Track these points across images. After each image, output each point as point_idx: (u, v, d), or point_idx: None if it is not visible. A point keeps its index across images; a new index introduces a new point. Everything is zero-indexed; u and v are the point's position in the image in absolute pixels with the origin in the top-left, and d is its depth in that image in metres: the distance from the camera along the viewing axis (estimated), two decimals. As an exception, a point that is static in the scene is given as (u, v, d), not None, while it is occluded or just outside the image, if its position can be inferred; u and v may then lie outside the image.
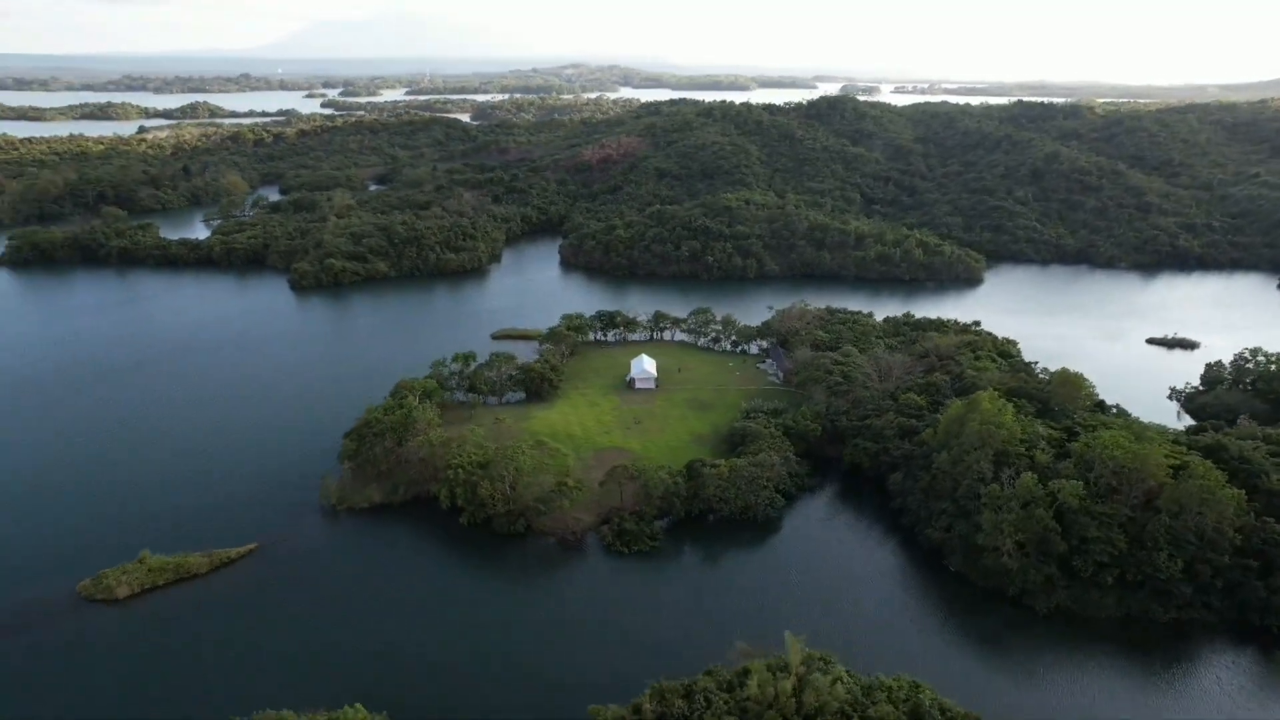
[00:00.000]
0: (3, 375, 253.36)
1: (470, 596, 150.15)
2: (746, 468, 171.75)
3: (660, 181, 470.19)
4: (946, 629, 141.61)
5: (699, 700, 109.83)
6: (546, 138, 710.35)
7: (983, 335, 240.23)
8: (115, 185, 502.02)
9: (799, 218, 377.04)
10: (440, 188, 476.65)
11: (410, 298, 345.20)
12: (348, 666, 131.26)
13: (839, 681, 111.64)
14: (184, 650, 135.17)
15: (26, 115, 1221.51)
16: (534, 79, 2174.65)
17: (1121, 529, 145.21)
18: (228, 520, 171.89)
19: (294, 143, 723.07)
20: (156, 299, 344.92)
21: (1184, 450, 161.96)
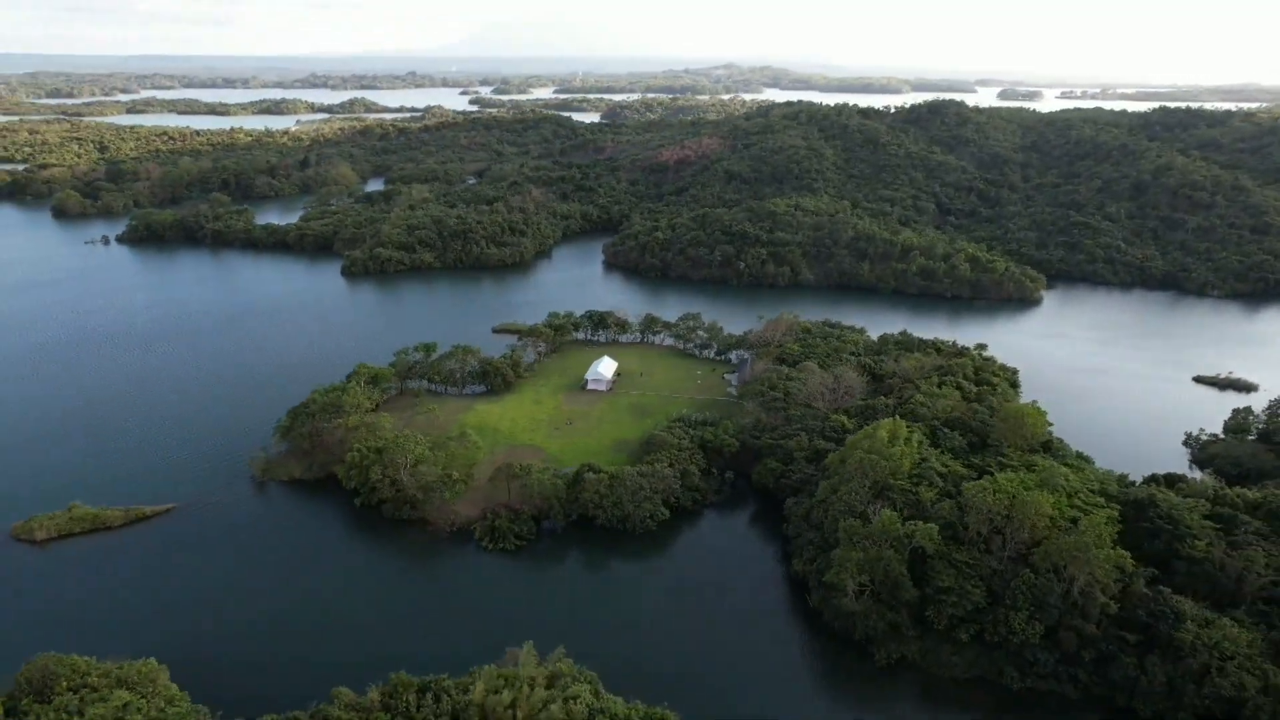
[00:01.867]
0: (78, 334, 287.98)
1: (334, 570, 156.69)
2: (631, 477, 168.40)
3: (728, 185, 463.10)
4: (774, 668, 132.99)
5: (429, 697, 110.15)
6: (648, 138, 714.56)
7: (968, 361, 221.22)
8: (237, 174, 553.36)
9: (844, 226, 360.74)
10: (514, 184, 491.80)
11: (446, 288, 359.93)
12: (182, 619, 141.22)
13: (573, 701, 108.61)
14: (60, 590, 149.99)
15: (215, 110, 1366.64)
16: (682, 79, 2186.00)
17: (984, 582, 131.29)
18: (164, 480, 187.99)
19: (415, 137, 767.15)
20: (229, 277, 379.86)
21: (1102, 503, 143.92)
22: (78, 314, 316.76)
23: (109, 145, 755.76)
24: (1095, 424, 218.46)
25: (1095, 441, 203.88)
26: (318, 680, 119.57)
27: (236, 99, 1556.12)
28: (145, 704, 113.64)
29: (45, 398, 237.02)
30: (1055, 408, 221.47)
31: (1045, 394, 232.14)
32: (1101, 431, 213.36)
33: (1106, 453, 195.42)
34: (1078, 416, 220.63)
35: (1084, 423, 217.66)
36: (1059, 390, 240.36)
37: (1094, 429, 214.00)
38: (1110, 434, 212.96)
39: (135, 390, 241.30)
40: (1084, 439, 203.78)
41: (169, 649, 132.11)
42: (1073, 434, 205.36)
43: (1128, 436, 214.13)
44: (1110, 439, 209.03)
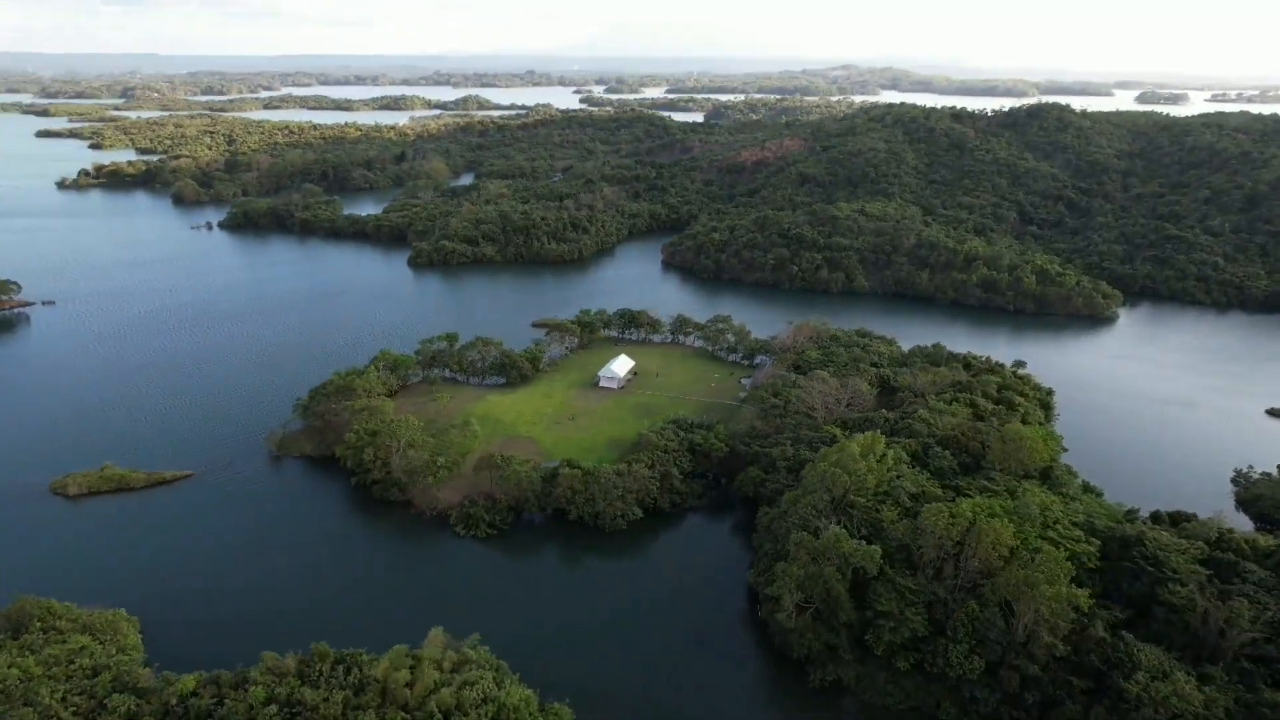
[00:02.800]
0: (161, 310, 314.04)
1: (316, 543, 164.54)
2: (607, 475, 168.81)
3: (800, 187, 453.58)
4: (706, 680, 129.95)
5: (340, 669, 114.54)
6: (738, 138, 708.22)
7: (992, 379, 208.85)
8: (336, 167, 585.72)
9: (907, 232, 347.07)
10: (588, 182, 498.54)
11: (502, 281, 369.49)
12: (170, 576, 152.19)
13: (469, 686, 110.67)
14: (76, 541, 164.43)
15: (340, 106, 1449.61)
16: (797, 80, 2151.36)
17: (927, 610, 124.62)
18: (192, 449, 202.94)
19: (512, 134, 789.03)
20: (306, 262, 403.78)
21: (1080, 537, 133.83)
22: (168, 291, 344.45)
23: (236, 138, 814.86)
24: (1141, 453, 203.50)
25: (1134, 471, 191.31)
26: (272, 643, 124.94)
27: (361, 95, 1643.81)
28: (99, 650, 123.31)
29: (113, 365, 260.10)
30: (1099, 434, 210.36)
31: (1091, 418, 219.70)
32: (1145, 461, 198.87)
33: (1144, 484, 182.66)
34: (1123, 444, 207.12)
35: (1128, 451, 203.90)
36: (1109, 415, 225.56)
37: (1137, 458, 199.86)
38: (1155, 465, 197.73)
39: (191, 364, 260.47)
40: (1123, 468, 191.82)
41: (150, 603, 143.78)
42: (1112, 462, 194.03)
43: (1175, 469, 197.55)
44: (1153, 470, 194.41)
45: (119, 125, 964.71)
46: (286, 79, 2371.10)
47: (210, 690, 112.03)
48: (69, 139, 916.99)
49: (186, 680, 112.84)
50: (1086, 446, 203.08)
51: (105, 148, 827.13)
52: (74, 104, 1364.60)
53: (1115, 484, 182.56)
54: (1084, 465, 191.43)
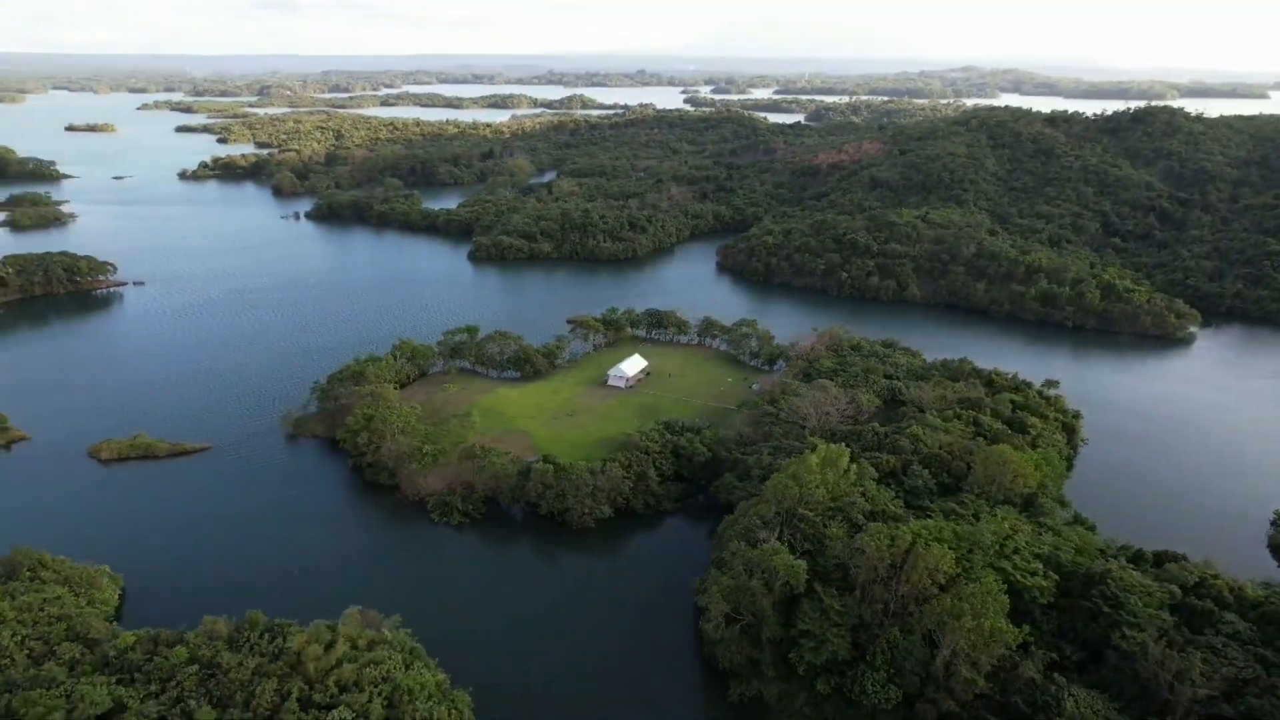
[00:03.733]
0: (235, 293, 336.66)
1: (304, 519, 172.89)
2: (578, 473, 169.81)
3: (871, 191, 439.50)
4: (630, 684, 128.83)
5: (266, 636, 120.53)
6: (827, 140, 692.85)
7: (1006, 398, 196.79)
8: (424, 162, 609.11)
9: (967, 241, 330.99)
10: (659, 181, 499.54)
11: (554, 277, 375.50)
12: (165, 537, 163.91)
13: (373, 665, 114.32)
14: (98, 501, 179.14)
15: (451, 104, 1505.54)
16: (912, 82, 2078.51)
17: (852, 633, 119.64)
18: (217, 423, 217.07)
19: (602, 133, 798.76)
20: (376, 253, 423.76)
21: (1038, 570, 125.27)
22: (245, 276, 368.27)
23: (344, 133, 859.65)
24: (1179, 486, 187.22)
25: (1165, 506, 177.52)
26: (237, 607, 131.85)
27: (474, 93, 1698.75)
28: (71, 601, 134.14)
29: (177, 342, 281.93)
30: (1137, 462, 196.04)
31: (1131, 446, 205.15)
32: (1182, 495, 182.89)
33: (1172, 520, 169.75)
34: (1161, 475, 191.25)
35: (1164, 483, 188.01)
36: (1153, 443, 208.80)
37: (1173, 491, 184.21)
38: (1192, 500, 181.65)
39: (242, 344, 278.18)
40: (1153, 501, 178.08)
41: (141, 562, 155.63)
42: (1141, 495, 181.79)
43: (1214, 505, 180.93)
44: (1188, 505, 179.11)
45: (246, 121, 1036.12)
46: (408, 78, 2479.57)
47: (146, 646, 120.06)
48: (202, 134, 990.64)
49: (125, 636, 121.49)
50: (1116, 476, 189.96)
51: (230, 142, 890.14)
52: (214, 102, 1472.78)
53: (1140, 517, 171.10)
54: (1107, 496, 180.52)
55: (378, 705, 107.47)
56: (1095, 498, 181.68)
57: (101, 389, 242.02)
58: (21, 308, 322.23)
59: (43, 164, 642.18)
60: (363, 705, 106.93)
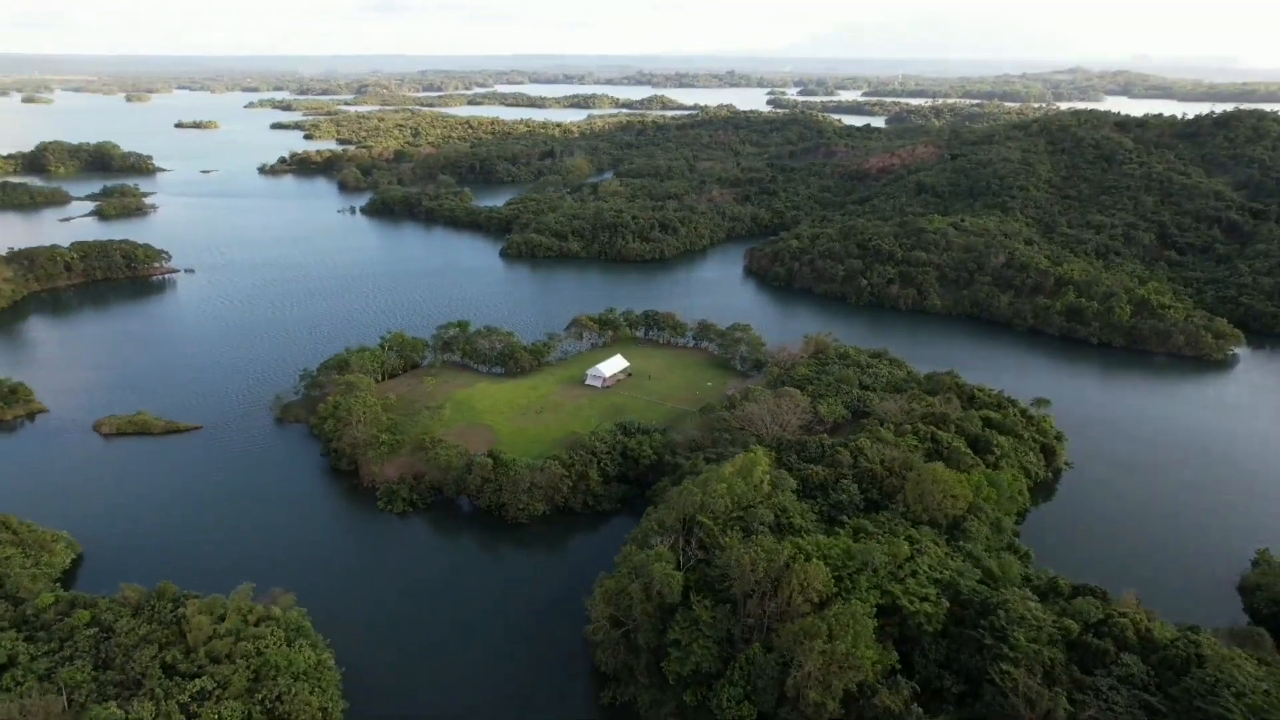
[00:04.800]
0: (277, 281, 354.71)
1: (267, 499, 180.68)
2: (517, 470, 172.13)
3: (916, 196, 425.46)
4: (518, 678, 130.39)
5: (169, 605, 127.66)
6: (893, 144, 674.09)
7: (974, 415, 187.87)
8: (482, 160, 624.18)
9: (996, 250, 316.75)
10: (703, 183, 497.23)
11: (579, 275, 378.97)
12: (133, 507, 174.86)
13: (252, 640, 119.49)
14: (93, 471, 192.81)
15: (534, 103, 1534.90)
16: (1011, 85, 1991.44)
17: (722, 645, 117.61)
18: (213, 405, 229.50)
19: (666, 133, 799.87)
20: (417, 246, 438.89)
21: (932, 595, 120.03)
22: (289, 266, 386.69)
23: (421, 131, 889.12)
24: (1165, 518, 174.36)
25: (1142, 538, 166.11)
26: (178, 576, 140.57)
27: (558, 93, 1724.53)
28: (18, 561, 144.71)
29: (212, 326, 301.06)
30: (1127, 492, 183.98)
31: (1128, 474, 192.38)
32: (1166, 529, 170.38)
33: (1147, 554, 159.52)
34: (1149, 505, 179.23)
35: (1149, 514, 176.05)
36: (1152, 471, 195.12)
37: (1158, 523, 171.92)
38: (1176, 535, 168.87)
39: (264, 331, 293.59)
40: (1129, 533, 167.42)
41: (105, 529, 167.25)
42: (1120, 525, 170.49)
43: (1200, 542, 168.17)
44: (1168, 540, 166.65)
45: (335, 118, 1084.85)
46: (501, 77, 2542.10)
47: (61, 608, 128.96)
48: (293, 130, 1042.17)
49: (45, 597, 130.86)
50: (1098, 505, 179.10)
51: (315, 138, 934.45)
52: (312, 100, 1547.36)
53: (1110, 549, 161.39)
54: (1080, 524, 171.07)
55: (241, 678, 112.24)
56: (1065, 525, 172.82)
57: (126, 367, 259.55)
58: (85, 290, 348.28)
59: (141, 158, 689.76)
60: (225, 676, 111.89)
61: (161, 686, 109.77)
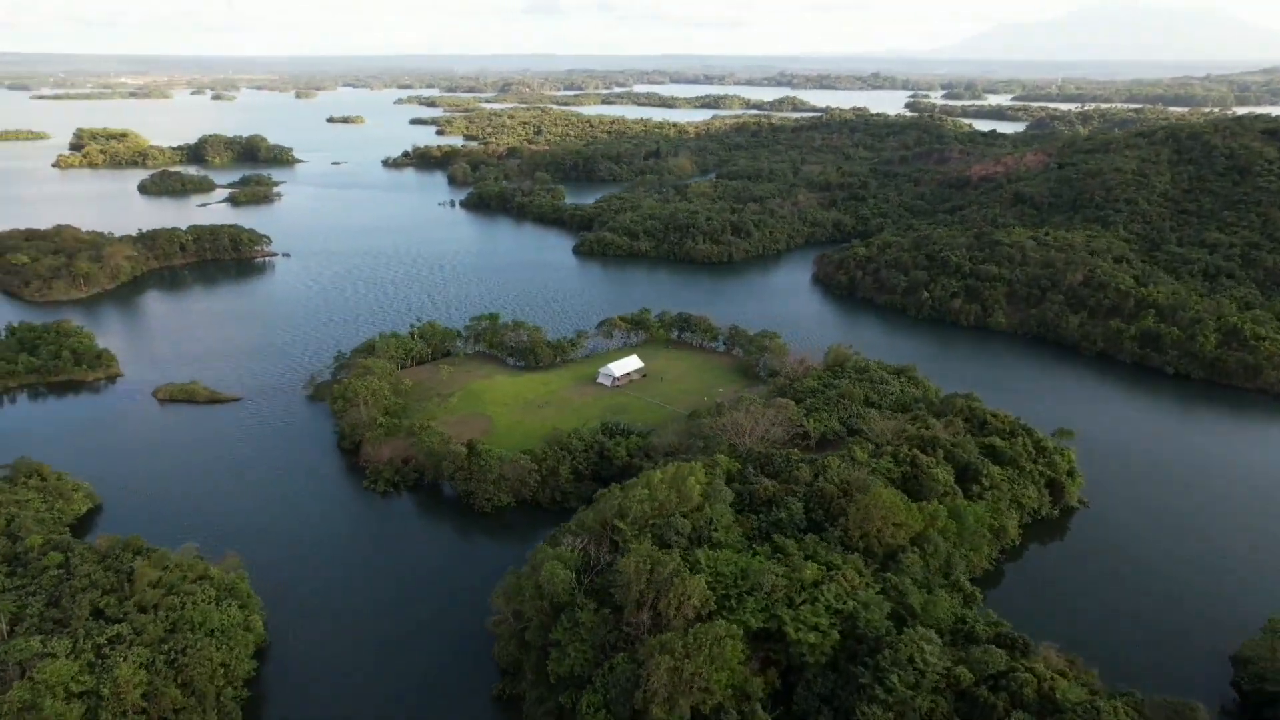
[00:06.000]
0: (362, 267, 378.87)
1: (274, 470, 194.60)
2: (488, 461, 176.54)
3: (1012, 207, 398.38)
4: (428, 663, 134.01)
5: (130, 554, 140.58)
6: (1006, 151, 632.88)
7: (969, 442, 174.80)
8: (586, 159, 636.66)
9: (1075, 267, 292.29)
10: (794, 186, 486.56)
11: (644, 275, 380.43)
12: (158, 465, 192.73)
13: (183, 595, 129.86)
14: (140, 429, 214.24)
15: (665, 103, 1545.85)
16: (1191, 88, 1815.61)
17: (600, 650, 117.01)
18: (259, 379, 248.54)
19: (778, 135, 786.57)
20: (501, 240, 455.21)
21: (822, 625, 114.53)
22: (378, 254, 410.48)
23: (544, 129, 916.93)
24: (1183, 574, 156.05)
25: (1144, 593, 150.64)
26: (170, 533, 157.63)
27: (691, 93, 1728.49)
28: (33, 506, 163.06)
29: (292, 306, 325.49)
30: (1142, 540, 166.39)
31: (1152, 521, 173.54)
32: (1177, 585, 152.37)
33: (1142, 612, 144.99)
34: (1173, 558, 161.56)
35: (1166, 566, 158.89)
36: (1186, 521, 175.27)
37: (1171, 578, 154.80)
38: (1187, 593, 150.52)
39: (333, 312, 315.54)
40: (1134, 586, 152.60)
41: (127, 483, 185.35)
42: (1123, 577, 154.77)
43: (1212, 604, 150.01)
44: (1177, 598, 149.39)
45: (469, 115, 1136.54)
46: (642, 77, 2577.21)
47: (44, 549, 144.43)
48: (429, 125, 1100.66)
49: (34, 538, 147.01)
50: (1102, 550, 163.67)
51: (446, 133, 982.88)
52: (453, 97, 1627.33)
53: (1097, 600, 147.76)
54: (1072, 570, 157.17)
55: (158, 628, 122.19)
56: (1058, 569, 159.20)
57: (204, 339, 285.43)
58: (196, 269, 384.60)
59: (283, 150, 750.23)
60: (143, 625, 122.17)
61: (85, 628, 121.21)
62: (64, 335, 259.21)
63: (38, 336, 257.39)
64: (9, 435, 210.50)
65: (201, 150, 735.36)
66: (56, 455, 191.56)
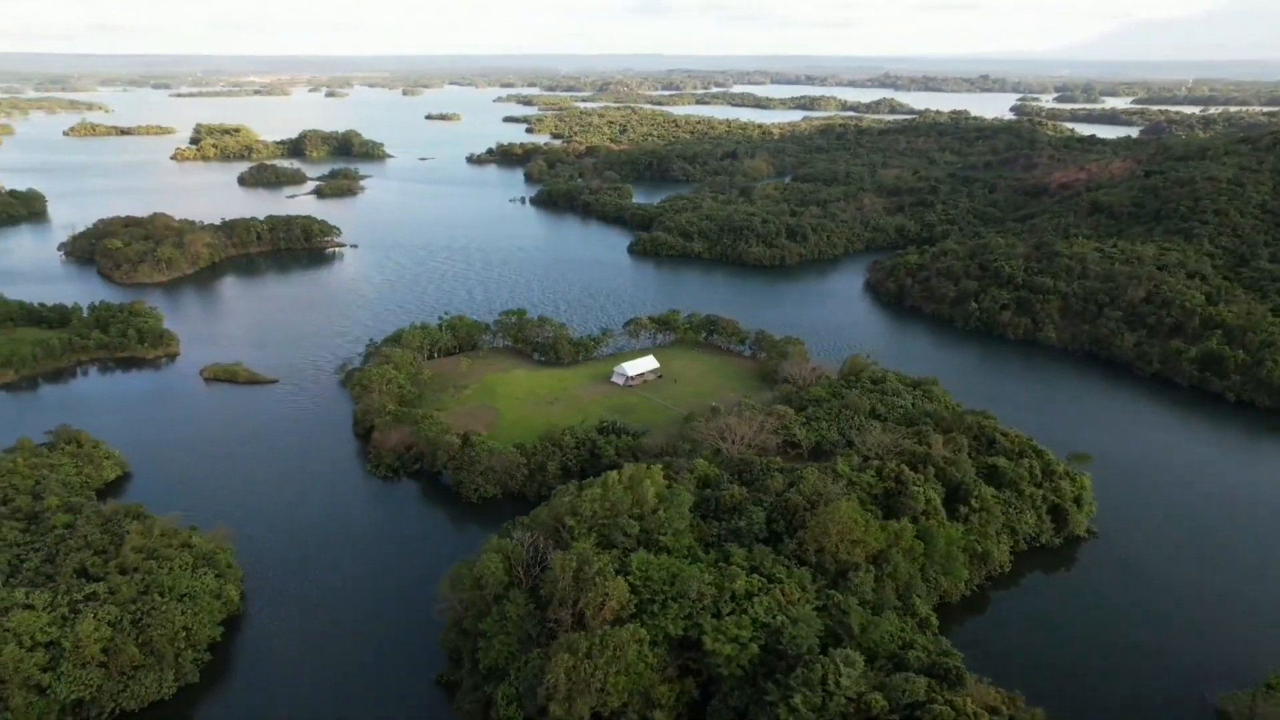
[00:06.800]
0: (425, 261, 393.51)
1: (293, 449, 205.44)
2: (478, 452, 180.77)
3: (1087, 217, 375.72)
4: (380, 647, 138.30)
5: (130, 519, 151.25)
6: (1100, 157, 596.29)
7: (966, 462, 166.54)
8: (661, 158, 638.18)
9: (1139, 282, 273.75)
10: (861, 190, 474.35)
11: (697, 275, 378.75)
12: (182, 434, 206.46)
13: (160, 560, 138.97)
14: (182, 404, 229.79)
15: (760, 104, 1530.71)
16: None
17: (525, 644, 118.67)
18: (297, 362, 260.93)
19: (861, 138, 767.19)
20: (561, 237, 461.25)
21: (738, 638, 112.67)
22: (441, 247, 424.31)
23: (628, 127, 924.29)
24: (1184, 617, 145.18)
25: (1132, 635, 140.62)
26: (183, 502, 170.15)
27: (787, 94, 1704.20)
28: (68, 470, 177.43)
29: (341, 294, 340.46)
30: (1160, 577, 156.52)
31: (1174, 559, 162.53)
32: (1172, 629, 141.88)
33: (1124, 658, 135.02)
34: (1175, 599, 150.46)
35: (1166, 606, 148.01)
36: (1208, 562, 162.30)
37: (1169, 620, 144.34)
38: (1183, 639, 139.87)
39: (386, 301, 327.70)
40: (1124, 625, 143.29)
41: (154, 452, 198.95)
42: (1123, 613, 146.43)
43: (1208, 652, 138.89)
44: (1169, 644, 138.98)
45: (561, 114, 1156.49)
46: (743, 77, 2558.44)
47: (61, 509, 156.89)
48: (521, 123, 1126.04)
49: (52, 499, 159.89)
50: (1101, 584, 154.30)
51: (534, 131, 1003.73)
52: (550, 96, 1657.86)
53: (1078, 638, 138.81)
54: (1063, 603, 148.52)
55: (131, 589, 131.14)
56: (1049, 600, 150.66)
57: (261, 323, 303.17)
58: (271, 257, 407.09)
59: (375, 145, 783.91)
60: (118, 585, 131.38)
61: (67, 584, 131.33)
62: (134, 315, 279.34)
63: (111, 315, 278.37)
64: (67, 403, 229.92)
65: (301, 144, 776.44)
66: (101, 424, 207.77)
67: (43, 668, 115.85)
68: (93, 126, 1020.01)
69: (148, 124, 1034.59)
